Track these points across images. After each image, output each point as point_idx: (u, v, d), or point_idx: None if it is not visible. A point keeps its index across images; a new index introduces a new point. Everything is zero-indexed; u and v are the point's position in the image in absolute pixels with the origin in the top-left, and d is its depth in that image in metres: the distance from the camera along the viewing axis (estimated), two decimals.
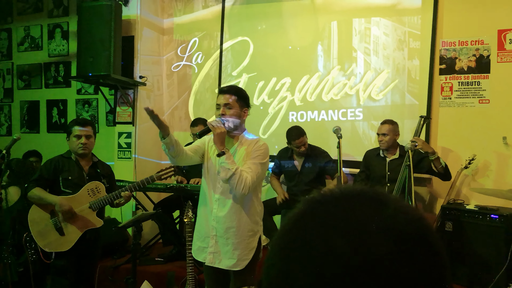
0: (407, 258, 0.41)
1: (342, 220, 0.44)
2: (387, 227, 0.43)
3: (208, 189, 2.39)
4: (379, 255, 0.41)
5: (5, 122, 5.81)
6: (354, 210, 0.45)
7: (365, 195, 0.47)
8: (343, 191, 0.49)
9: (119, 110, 4.65)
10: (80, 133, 2.96)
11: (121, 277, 3.58)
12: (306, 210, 0.48)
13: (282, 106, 4.52)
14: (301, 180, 3.86)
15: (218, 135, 2.21)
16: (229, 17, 4.79)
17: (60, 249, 2.86)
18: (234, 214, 2.31)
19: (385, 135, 3.52)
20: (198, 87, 4.97)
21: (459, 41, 3.92)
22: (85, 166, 3.02)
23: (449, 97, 3.95)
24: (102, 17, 4.13)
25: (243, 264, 2.31)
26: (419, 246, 0.43)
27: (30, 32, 5.62)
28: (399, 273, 0.40)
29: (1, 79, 5.81)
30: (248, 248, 2.33)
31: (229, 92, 2.32)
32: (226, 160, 2.19)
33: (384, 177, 3.54)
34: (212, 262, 2.34)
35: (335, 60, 4.34)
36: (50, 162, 2.98)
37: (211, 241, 2.34)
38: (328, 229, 0.44)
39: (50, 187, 2.93)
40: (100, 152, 5.00)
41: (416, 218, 0.45)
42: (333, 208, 0.46)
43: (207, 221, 2.37)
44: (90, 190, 2.96)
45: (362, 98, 4.20)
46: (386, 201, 0.46)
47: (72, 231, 2.90)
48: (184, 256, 3.15)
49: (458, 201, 3.69)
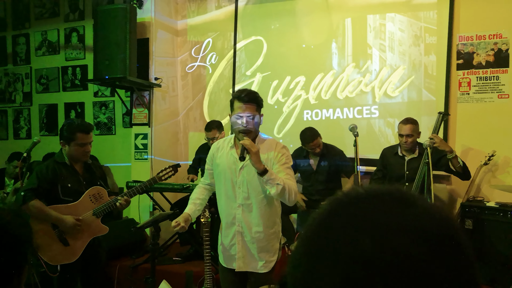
0: (436, 258, 0.41)
1: (369, 220, 0.44)
2: (415, 227, 0.43)
3: (227, 197, 2.36)
4: (407, 255, 0.41)
5: (24, 125, 5.93)
6: (381, 210, 0.45)
7: (391, 195, 0.47)
8: (369, 191, 0.48)
9: (135, 112, 4.71)
10: (85, 140, 2.76)
11: (140, 276, 3.63)
12: (331, 210, 0.48)
13: (296, 104, 4.51)
14: (316, 179, 3.84)
15: (255, 154, 2.14)
16: (242, 17, 4.80)
17: (67, 261, 2.71)
18: (259, 217, 2.31)
19: (410, 136, 3.41)
20: (212, 87, 4.99)
21: (476, 35, 3.84)
22: (79, 170, 2.84)
23: (467, 92, 3.88)
24: (117, 21, 4.18)
25: (270, 266, 2.33)
26: (448, 246, 0.42)
27: (47, 36, 5.73)
28: (428, 273, 0.40)
29: (20, 83, 5.94)
30: (272, 250, 2.35)
31: (250, 102, 2.23)
32: (271, 177, 2.15)
33: (402, 176, 3.49)
34: (241, 267, 2.34)
35: (349, 58, 4.30)
36: (47, 170, 2.74)
37: (238, 246, 2.34)
38: (355, 229, 0.43)
39: (48, 195, 2.72)
40: (117, 153, 5.11)
41: (444, 218, 0.45)
42: (360, 208, 0.46)
43: (231, 228, 2.36)
44: (92, 196, 2.80)
45: (378, 95, 4.16)
46: (413, 201, 0.46)
47: (77, 241, 2.74)
48: (201, 256, 3.17)
49: (478, 198, 3.63)
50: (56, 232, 2.72)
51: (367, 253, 0.41)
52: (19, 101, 5.96)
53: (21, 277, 0.89)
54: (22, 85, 5.92)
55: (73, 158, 2.80)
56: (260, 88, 4.61)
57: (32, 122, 5.88)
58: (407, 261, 0.40)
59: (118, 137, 5.25)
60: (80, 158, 2.80)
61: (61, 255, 2.70)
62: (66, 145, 2.77)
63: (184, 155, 5.06)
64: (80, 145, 2.75)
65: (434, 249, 0.41)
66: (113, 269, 3.73)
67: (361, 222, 0.44)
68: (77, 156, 2.78)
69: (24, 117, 5.93)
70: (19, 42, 5.93)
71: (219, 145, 2.44)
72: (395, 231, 0.42)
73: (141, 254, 4.00)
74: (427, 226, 0.43)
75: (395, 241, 0.41)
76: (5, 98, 6.05)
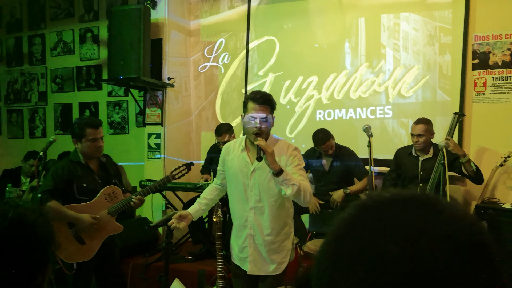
0: (465, 264, 0.40)
1: (396, 226, 0.43)
2: (443, 233, 0.42)
3: (239, 200, 2.37)
4: (435, 262, 0.40)
5: (40, 124, 6.03)
6: (407, 216, 0.44)
7: (417, 200, 0.46)
8: (395, 195, 0.48)
9: (148, 112, 4.75)
10: (95, 135, 2.77)
11: (153, 274, 3.66)
12: (357, 214, 0.48)
13: (309, 104, 4.50)
14: (329, 180, 3.82)
15: (271, 154, 2.14)
16: (254, 16, 4.80)
17: (82, 259, 2.75)
18: (272, 220, 2.31)
19: (421, 135, 3.39)
20: (224, 87, 5.00)
21: (492, 34, 3.79)
22: (94, 168, 2.86)
23: (482, 92, 3.83)
24: (131, 21, 4.22)
25: (283, 267, 2.33)
26: (476, 252, 0.42)
27: (62, 37, 5.81)
28: (456, 280, 0.39)
29: (36, 83, 6.03)
30: (284, 251, 2.35)
31: (265, 103, 2.24)
32: (286, 177, 2.15)
33: (416, 177, 3.46)
34: (253, 271, 2.35)
35: (363, 57, 4.28)
36: (62, 170, 2.76)
37: (249, 249, 2.34)
38: (381, 235, 0.43)
39: (63, 195, 2.75)
40: (131, 152, 5.16)
41: (472, 224, 0.44)
42: (386, 213, 0.46)
43: (244, 231, 2.36)
44: (107, 195, 2.83)
45: (391, 95, 4.13)
46: (440, 207, 0.45)
47: (93, 239, 2.78)
48: (213, 255, 3.19)
49: (493, 200, 3.57)
50: (72, 231, 2.75)
51: (395, 259, 0.41)
52: (34, 100, 6.05)
53: (45, 274, 0.91)
54: (38, 85, 6.02)
55: (87, 155, 2.81)
56: (273, 88, 4.61)
57: (47, 121, 5.97)
58: (435, 267, 0.40)
59: (132, 137, 5.30)
60: (93, 154, 2.80)
61: (77, 253, 2.74)
62: (78, 142, 2.80)
63: (197, 155, 5.09)
64: (91, 140, 2.76)
65: (462, 255, 0.41)
66: (126, 267, 3.77)
67: (388, 227, 0.44)
68: (91, 152, 2.79)
69: (40, 117, 6.02)
70: (35, 43, 6.02)
71: (229, 147, 2.44)
72: (422, 236, 0.42)
73: (153, 252, 4.03)
74: (455, 232, 0.43)
75: (422, 247, 0.41)
76: (21, 98, 6.15)
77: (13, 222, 0.88)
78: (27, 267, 0.88)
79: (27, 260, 0.88)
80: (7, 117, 6.27)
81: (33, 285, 0.90)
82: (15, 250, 0.86)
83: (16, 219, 0.89)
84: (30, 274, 0.88)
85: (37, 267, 0.90)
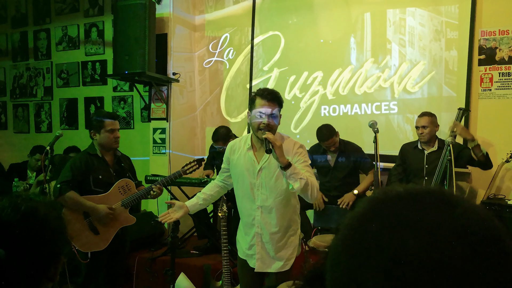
0: (481, 258, 0.41)
1: (412, 220, 0.44)
2: (459, 227, 0.43)
3: (246, 199, 2.37)
4: (452, 255, 0.41)
5: (45, 119, 6.06)
6: (423, 210, 0.45)
7: (432, 195, 0.47)
8: (410, 190, 0.48)
9: (153, 107, 4.76)
10: (114, 126, 2.93)
11: (158, 268, 3.69)
12: (371, 208, 0.49)
13: (314, 100, 4.49)
14: (334, 175, 3.83)
15: (279, 148, 2.14)
16: (259, 11, 4.79)
17: (97, 248, 2.86)
18: (279, 218, 2.32)
19: (425, 127, 3.42)
20: (229, 82, 5.00)
21: (499, 30, 3.76)
22: (110, 162, 2.99)
23: (489, 88, 3.81)
24: (136, 16, 4.22)
25: (290, 264, 2.35)
26: (493, 246, 0.42)
27: (67, 31, 5.82)
28: (473, 274, 0.40)
29: (41, 77, 6.06)
30: (291, 247, 2.36)
31: (273, 100, 2.24)
32: (294, 171, 2.14)
33: (422, 170, 3.46)
34: (262, 268, 2.36)
35: (368, 53, 4.26)
36: (80, 162, 2.89)
37: (257, 247, 2.35)
38: (398, 229, 0.44)
39: (80, 186, 2.87)
40: (136, 147, 5.18)
41: (487, 218, 0.45)
42: (402, 207, 0.46)
43: (251, 229, 2.37)
44: (121, 188, 2.96)
45: (397, 90, 4.11)
46: (456, 201, 0.46)
47: (106, 230, 2.90)
48: (219, 249, 3.21)
49: (498, 196, 3.57)
50: (87, 221, 2.88)
51: (412, 252, 0.41)
52: (40, 95, 6.08)
53: (57, 266, 0.93)
54: (43, 80, 6.04)
55: (104, 147, 2.95)
56: (277, 84, 4.61)
57: (53, 116, 6.00)
58: (452, 259, 0.41)
59: (137, 132, 5.32)
60: (111, 144, 2.94)
61: (91, 243, 2.86)
62: (97, 133, 2.93)
63: (201, 150, 5.10)
64: (109, 131, 2.91)
65: (478, 249, 0.42)
66: (132, 261, 3.80)
67: (404, 221, 0.44)
68: (109, 143, 2.93)
69: (45, 111, 6.05)
70: (40, 37, 6.04)
71: (234, 146, 2.43)
72: (439, 229, 0.43)
73: (159, 247, 4.06)
74: (471, 226, 0.43)
75: (439, 240, 0.42)
76: (27, 92, 6.18)
77: (25, 215, 0.89)
78: (40, 259, 0.89)
79: (40, 253, 0.89)
80: (13, 111, 6.30)
81: (47, 277, 0.91)
82: (28, 242, 0.88)
83: (29, 212, 0.90)
84: (44, 266, 0.90)
85: (50, 259, 0.91)
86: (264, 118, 2.20)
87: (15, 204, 0.90)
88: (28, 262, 0.87)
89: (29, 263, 0.87)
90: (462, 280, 0.40)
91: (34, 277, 0.89)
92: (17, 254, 0.85)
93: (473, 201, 1.54)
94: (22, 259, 0.86)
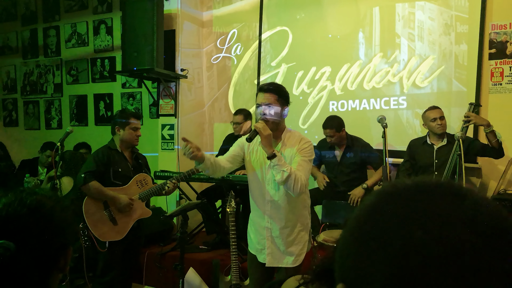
0: (490, 249, 0.41)
1: (421, 212, 0.44)
2: (467, 218, 0.43)
3: (257, 193, 2.38)
4: (460, 246, 0.41)
5: (55, 115, 6.12)
6: (432, 202, 0.45)
7: (440, 187, 0.47)
8: (418, 183, 0.49)
9: (162, 103, 4.78)
10: (137, 125, 3.13)
11: (168, 263, 3.73)
12: (380, 201, 0.49)
13: (322, 95, 4.48)
14: (341, 170, 3.82)
15: (266, 137, 2.15)
16: (267, 7, 4.78)
17: (115, 238, 3.01)
18: (289, 213, 2.32)
19: (443, 118, 3.42)
20: (237, 78, 5.01)
21: (510, 23, 3.71)
22: (129, 158, 3.17)
23: (499, 83, 3.76)
24: (145, 12, 4.24)
25: (301, 259, 2.36)
26: (501, 237, 0.43)
27: (76, 28, 5.86)
28: (482, 264, 0.40)
29: (51, 74, 6.12)
30: (301, 243, 2.37)
31: (269, 91, 2.25)
32: (278, 162, 2.14)
33: (431, 165, 3.44)
34: (272, 263, 2.37)
35: (377, 47, 4.23)
36: (102, 154, 3.05)
37: (267, 242, 2.36)
38: (407, 220, 0.44)
39: (100, 178, 3.00)
40: (144, 143, 5.18)
41: (496, 210, 0.45)
42: (410, 199, 0.47)
43: (261, 223, 2.38)
44: (138, 182, 3.12)
45: (406, 85, 4.08)
46: (464, 193, 0.46)
47: (124, 221, 3.05)
48: (227, 244, 3.23)
49: (509, 191, 3.53)
50: (106, 211, 3.02)
51: (420, 244, 0.42)
52: (50, 92, 6.15)
53: (66, 257, 0.94)
54: (53, 77, 6.10)
55: (125, 143, 3.12)
56: (285, 79, 4.60)
57: (63, 112, 6.06)
58: (460, 252, 0.41)
59: (145, 128, 5.33)
60: (132, 141, 3.13)
61: (110, 233, 3.01)
62: (121, 129, 3.10)
63: (210, 146, 5.12)
64: (133, 129, 3.10)
65: (487, 240, 0.42)
66: (142, 256, 3.84)
67: (413, 213, 0.45)
68: (131, 139, 3.11)
69: (55, 108, 6.12)
70: (50, 35, 6.09)
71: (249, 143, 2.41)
72: (447, 222, 0.43)
73: (168, 242, 4.10)
74: (479, 217, 0.43)
75: (447, 232, 0.42)
76: (37, 89, 6.25)
77: (31, 209, 0.91)
78: (49, 251, 0.91)
79: (48, 245, 0.91)
80: (24, 108, 6.38)
81: (57, 268, 0.93)
82: (36, 235, 0.89)
83: (35, 206, 0.91)
84: (53, 258, 0.92)
85: (58, 250, 0.93)
86: (260, 110, 2.24)
87: (21, 198, 0.92)
88: (37, 254, 0.88)
89: (38, 255, 0.89)
90: (470, 271, 0.40)
91: (44, 269, 0.90)
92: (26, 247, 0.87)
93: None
94: (31, 251, 0.88)
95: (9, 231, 0.87)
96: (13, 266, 0.84)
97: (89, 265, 3.18)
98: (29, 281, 0.88)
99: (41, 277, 0.90)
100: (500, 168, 3.67)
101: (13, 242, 0.84)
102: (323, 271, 0.61)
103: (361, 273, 0.45)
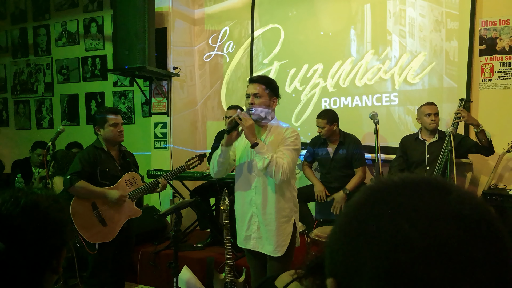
0: (475, 242, 0.42)
1: (408, 206, 0.46)
2: (453, 212, 0.44)
3: (244, 179, 2.44)
4: (447, 239, 0.42)
5: (47, 115, 6.07)
6: (419, 197, 0.47)
7: (427, 182, 0.49)
8: (405, 179, 0.50)
9: (154, 101, 4.76)
10: (117, 121, 3.00)
11: (162, 262, 3.72)
12: (368, 197, 0.50)
13: (314, 92, 4.49)
14: (334, 166, 3.84)
15: (248, 128, 2.23)
16: (259, 4, 4.77)
17: (104, 240, 2.93)
18: (271, 200, 2.36)
19: (437, 115, 3.46)
20: (230, 76, 5.00)
21: (500, 20, 3.75)
22: (116, 157, 3.07)
23: (489, 78, 3.80)
24: (136, 10, 4.20)
25: (283, 250, 2.37)
26: (486, 230, 0.44)
27: (67, 27, 5.81)
28: (468, 257, 0.42)
29: (42, 74, 6.06)
30: (284, 234, 2.38)
31: (258, 81, 2.36)
32: (260, 150, 2.23)
33: (423, 160, 3.48)
34: (256, 247, 2.42)
35: (368, 44, 4.25)
36: (88, 154, 2.96)
37: (253, 227, 2.41)
38: (394, 215, 0.45)
39: (88, 178, 2.93)
40: (137, 142, 5.19)
41: (479, 203, 0.47)
42: (398, 195, 0.48)
43: (248, 209, 2.43)
44: (127, 181, 3.04)
45: (398, 82, 4.11)
46: (449, 188, 0.48)
47: (114, 222, 2.97)
48: (221, 242, 3.23)
49: (500, 186, 3.58)
50: (95, 213, 2.94)
51: (408, 238, 0.43)
52: (41, 91, 6.09)
53: (59, 259, 0.93)
54: (44, 76, 6.05)
55: (109, 141, 3.01)
56: (278, 76, 4.60)
57: (54, 112, 6.01)
58: (447, 245, 0.42)
59: (138, 126, 5.33)
60: (116, 138, 3.02)
61: (99, 234, 2.93)
62: (101, 128, 3.00)
63: (203, 144, 5.11)
64: (113, 125, 2.98)
65: (472, 233, 0.43)
66: (136, 255, 3.83)
67: (400, 208, 0.46)
68: (113, 136, 3.00)
69: (46, 107, 6.06)
70: (40, 33, 6.03)
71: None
72: (433, 216, 0.44)
73: (162, 240, 4.09)
74: (464, 211, 0.45)
75: (434, 224, 0.43)
76: (28, 89, 6.19)
77: (25, 209, 0.89)
78: (42, 252, 0.89)
79: (41, 246, 0.89)
80: (14, 108, 6.32)
81: (50, 269, 0.92)
82: (29, 235, 0.87)
83: (29, 206, 0.90)
84: (46, 259, 0.91)
85: (52, 252, 0.91)
86: (248, 100, 2.34)
87: (16, 197, 0.90)
88: (29, 255, 0.87)
89: (31, 256, 0.87)
90: (457, 262, 0.41)
91: (36, 270, 0.89)
92: (17, 247, 0.85)
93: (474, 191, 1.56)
94: (23, 252, 0.86)
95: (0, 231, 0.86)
96: (4, 265, 0.84)
97: (82, 265, 3.16)
98: (21, 281, 0.87)
99: (34, 277, 0.89)
100: (490, 163, 3.71)
101: (4, 242, 0.83)
102: (316, 266, 0.62)
103: (351, 267, 0.46)
